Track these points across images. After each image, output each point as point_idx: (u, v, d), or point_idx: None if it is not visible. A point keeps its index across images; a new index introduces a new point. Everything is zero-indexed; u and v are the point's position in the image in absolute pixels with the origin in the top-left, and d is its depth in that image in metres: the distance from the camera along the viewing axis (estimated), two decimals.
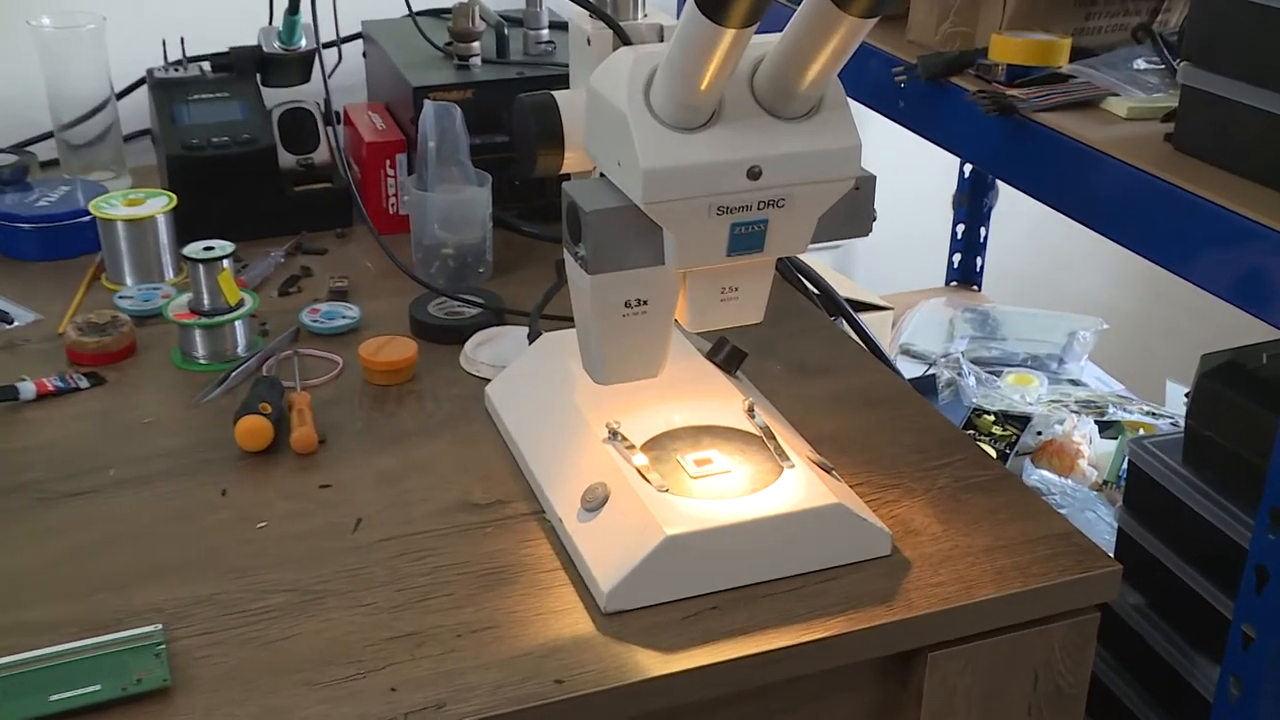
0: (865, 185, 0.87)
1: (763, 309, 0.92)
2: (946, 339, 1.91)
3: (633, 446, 0.94)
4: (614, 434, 0.95)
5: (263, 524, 0.96)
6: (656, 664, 0.82)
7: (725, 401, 1.01)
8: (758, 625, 0.86)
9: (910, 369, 1.77)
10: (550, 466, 0.98)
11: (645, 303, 0.89)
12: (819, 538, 0.90)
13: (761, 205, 0.83)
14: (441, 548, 0.93)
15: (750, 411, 0.99)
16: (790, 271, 1.37)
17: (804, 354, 1.22)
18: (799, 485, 0.91)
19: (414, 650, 0.83)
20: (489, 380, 1.12)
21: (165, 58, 1.51)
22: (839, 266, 2.12)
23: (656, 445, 0.95)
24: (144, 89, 1.53)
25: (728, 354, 1.06)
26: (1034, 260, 2.27)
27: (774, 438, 0.96)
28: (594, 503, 0.91)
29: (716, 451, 0.94)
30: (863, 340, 1.34)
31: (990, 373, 1.71)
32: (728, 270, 0.88)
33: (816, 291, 1.40)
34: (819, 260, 1.68)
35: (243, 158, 1.39)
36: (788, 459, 0.94)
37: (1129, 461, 1.16)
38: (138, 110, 1.58)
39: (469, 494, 0.99)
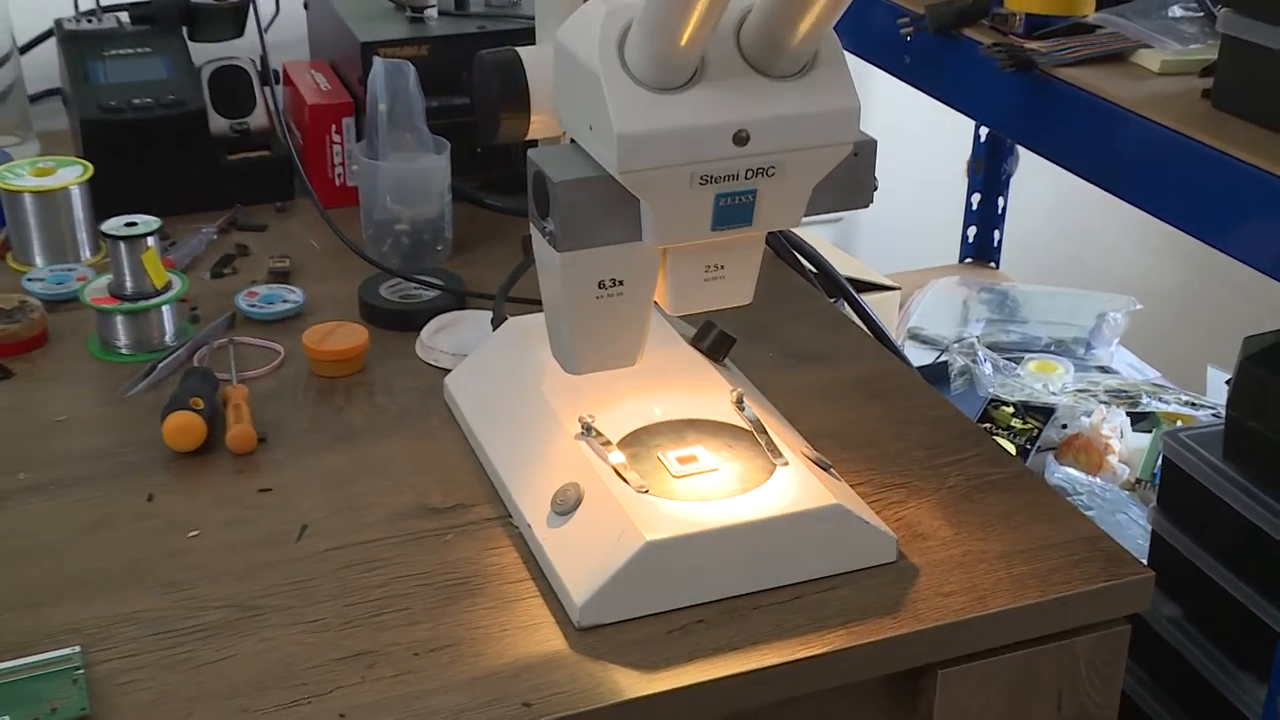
0: (865, 151, 0.88)
1: (752, 289, 0.93)
2: (960, 322, 1.92)
3: (608, 443, 0.94)
4: (587, 429, 0.95)
5: (195, 533, 0.96)
6: (636, 684, 0.83)
7: (711, 392, 1.01)
8: (749, 640, 0.86)
9: (919, 356, 1.78)
10: (517, 466, 0.98)
11: (621, 283, 0.89)
12: (816, 542, 0.91)
13: (749, 174, 0.84)
14: (396, 557, 0.94)
15: (739, 403, 0.99)
16: (783, 247, 1.38)
17: (800, 339, 1.22)
18: (793, 485, 0.92)
19: (365, 672, 0.84)
20: (448, 370, 1.13)
21: (76, 6, 1.50)
22: (839, 242, 2.13)
23: (635, 441, 0.95)
24: (52, 42, 1.52)
25: (714, 340, 1.07)
26: (1058, 234, 2.28)
27: (766, 432, 0.97)
28: (566, 506, 0.91)
29: (702, 448, 0.95)
30: (866, 324, 1.35)
31: (1009, 359, 1.72)
32: (713, 246, 0.89)
33: (813, 270, 1.40)
34: (816, 235, 1.69)
35: (168, 121, 1.39)
36: (781, 456, 0.94)
37: (1164, 457, 1.17)
38: (45, 66, 1.57)
39: (426, 497, 1.00)
